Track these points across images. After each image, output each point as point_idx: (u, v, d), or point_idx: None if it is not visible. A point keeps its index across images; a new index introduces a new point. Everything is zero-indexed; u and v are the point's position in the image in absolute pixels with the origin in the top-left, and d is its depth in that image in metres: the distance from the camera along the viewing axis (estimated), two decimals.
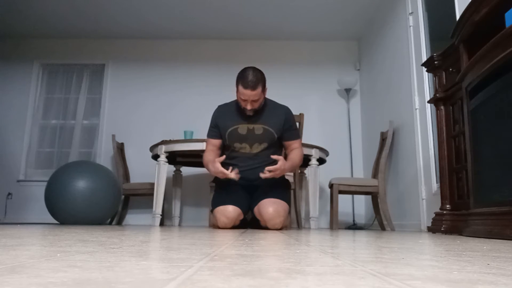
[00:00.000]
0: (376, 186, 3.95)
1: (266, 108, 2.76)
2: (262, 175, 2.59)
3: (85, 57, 5.52)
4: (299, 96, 5.24)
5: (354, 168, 5.09)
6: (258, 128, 2.72)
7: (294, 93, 5.21)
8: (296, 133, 2.84)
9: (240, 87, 2.59)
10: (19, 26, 5.28)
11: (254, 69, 2.64)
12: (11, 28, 5.32)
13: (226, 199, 2.69)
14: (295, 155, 2.79)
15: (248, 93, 2.57)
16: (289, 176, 3.54)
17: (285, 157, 2.83)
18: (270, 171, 2.57)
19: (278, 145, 2.84)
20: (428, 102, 2.92)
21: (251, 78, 2.57)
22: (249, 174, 2.71)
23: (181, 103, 5.33)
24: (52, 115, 5.40)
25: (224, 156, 2.71)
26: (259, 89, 2.59)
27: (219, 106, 2.88)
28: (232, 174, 2.60)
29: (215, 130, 2.80)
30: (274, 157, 2.63)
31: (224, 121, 2.76)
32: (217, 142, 2.81)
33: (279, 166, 2.57)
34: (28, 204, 5.09)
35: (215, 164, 2.63)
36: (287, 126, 2.77)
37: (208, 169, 2.77)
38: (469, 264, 0.68)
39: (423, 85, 3.53)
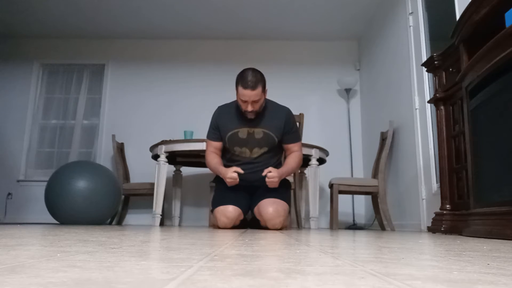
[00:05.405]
0: (376, 186, 3.94)
1: (267, 110, 2.73)
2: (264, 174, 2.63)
3: (85, 57, 5.52)
4: (299, 96, 5.24)
5: (354, 168, 5.09)
6: (258, 132, 2.70)
7: (294, 93, 5.21)
8: (296, 136, 2.81)
9: (240, 88, 2.57)
10: (19, 26, 5.28)
11: (253, 69, 2.62)
12: (11, 28, 5.32)
13: (226, 199, 2.68)
14: (292, 160, 2.77)
15: (248, 93, 2.55)
16: (289, 176, 3.54)
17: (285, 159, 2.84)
18: (267, 177, 2.62)
19: (278, 148, 2.83)
20: (428, 102, 2.92)
21: (250, 78, 2.55)
22: (249, 177, 2.71)
23: (181, 103, 5.33)
24: (52, 115, 5.40)
25: (237, 180, 2.67)
26: (259, 89, 2.57)
27: (220, 107, 2.85)
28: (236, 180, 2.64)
29: (216, 132, 2.77)
30: (265, 173, 2.64)
31: (224, 123, 2.74)
32: (218, 144, 2.79)
33: (273, 175, 2.59)
34: (28, 204, 5.09)
35: (228, 172, 2.64)
36: (287, 129, 2.74)
37: (216, 171, 2.76)
38: (469, 264, 0.68)
39: (423, 85, 3.53)
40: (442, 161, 2.67)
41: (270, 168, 2.64)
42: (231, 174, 2.62)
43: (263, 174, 2.63)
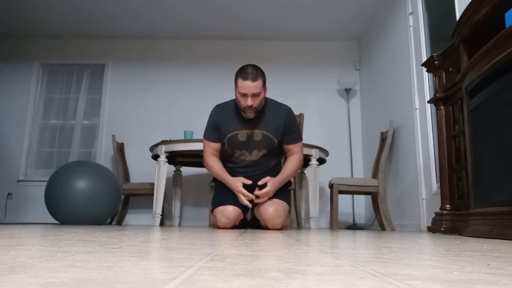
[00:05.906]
0: (376, 186, 3.94)
1: (266, 109, 2.67)
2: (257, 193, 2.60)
3: (85, 57, 5.52)
4: (299, 96, 5.23)
5: (354, 168, 5.09)
6: (257, 134, 2.64)
7: (294, 93, 5.20)
8: (296, 136, 2.74)
9: (240, 80, 2.50)
10: (19, 26, 5.28)
11: (253, 65, 2.59)
12: (11, 28, 5.32)
13: (226, 199, 2.67)
14: (291, 163, 2.71)
15: (248, 85, 2.47)
16: None
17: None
18: (260, 196, 2.58)
19: (278, 150, 2.77)
20: (428, 102, 2.92)
21: (251, 70, 2.50)
22: (248, 179, 2.68)
23: (181, 103, 5.33)
24: (52, 115, 5.40)
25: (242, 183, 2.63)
26: (260, 82, 2.51)
27: (217, 106, 2.77)
28: (244, 198, 2.60)
29: (215, 132, 2.69)
30: (261, 182, 2.61)
31: (223, 124, 2.67)
32: (217, 145, 2.71)
33: (267, 191, 2.56)
34: (28, 204, 5.09)
35: (236, 183, 2.60)
36: (287, 129, 2.67)
37: (220, 179, 2.71)
38: (469, 264, 0.68)
39: (423, 85, 3.53)
40: (442, 161, 2.67)
41: (267, 178, 2.61)
42: (241, 189, 2.58)
43: (259, 183, 2.60)
